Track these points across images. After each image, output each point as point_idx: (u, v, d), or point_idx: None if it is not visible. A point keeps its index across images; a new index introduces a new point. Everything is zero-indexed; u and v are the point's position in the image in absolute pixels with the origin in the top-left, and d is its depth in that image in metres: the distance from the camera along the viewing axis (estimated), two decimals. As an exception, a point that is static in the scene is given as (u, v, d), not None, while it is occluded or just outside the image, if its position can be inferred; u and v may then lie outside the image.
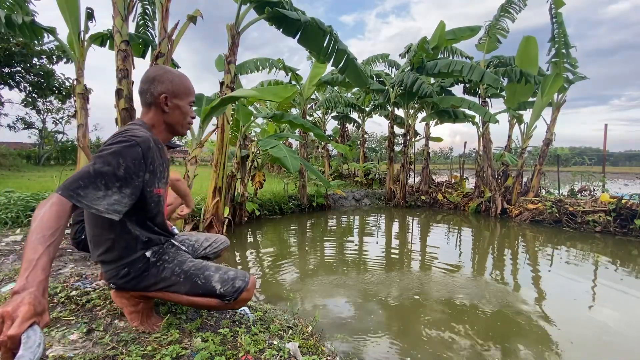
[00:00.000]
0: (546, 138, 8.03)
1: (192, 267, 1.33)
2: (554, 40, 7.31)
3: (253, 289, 1.39)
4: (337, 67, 5.46)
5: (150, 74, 1.31)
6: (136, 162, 1.13)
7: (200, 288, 1.30)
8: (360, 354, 2.23)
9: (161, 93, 1.29)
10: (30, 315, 0.77)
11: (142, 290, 1.34)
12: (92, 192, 1.02)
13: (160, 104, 1.30)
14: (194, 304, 1.35)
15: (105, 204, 1.05)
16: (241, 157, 6.43)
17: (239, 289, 1.31)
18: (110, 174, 1.06)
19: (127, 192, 1.10)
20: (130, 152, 1.11)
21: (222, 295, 1.30)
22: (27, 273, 0.84)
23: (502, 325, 2.70)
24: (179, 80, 1.33)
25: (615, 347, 2.43)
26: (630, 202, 6.03)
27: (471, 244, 5.72)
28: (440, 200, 9.42)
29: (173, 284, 1.30)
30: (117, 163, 1.08)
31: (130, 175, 1.11)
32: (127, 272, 1.28)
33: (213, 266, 1.37)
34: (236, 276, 1.35)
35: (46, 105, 17.83)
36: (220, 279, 1.32)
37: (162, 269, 1.31)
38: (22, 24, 4.45)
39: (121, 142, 1.12)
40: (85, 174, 1.03)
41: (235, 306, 1.37)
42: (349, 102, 12.59)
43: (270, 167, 14.66)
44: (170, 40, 4.22)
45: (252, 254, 4.84)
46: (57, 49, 13.14)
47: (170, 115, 1.33)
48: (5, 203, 3.85)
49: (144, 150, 1.16)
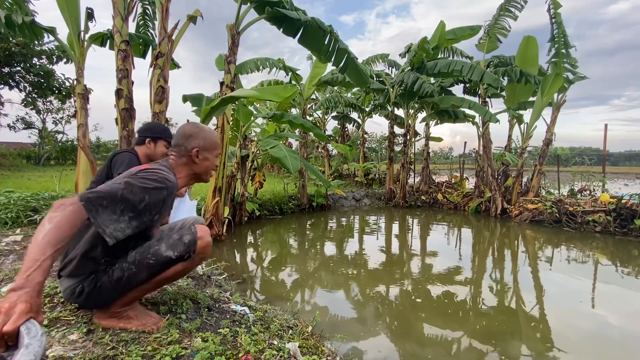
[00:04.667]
0: (546, 138, 8.03)
1: (137, 254, 1.32)
2: (553, 40, 7.31)
3: (206, 233, 1.41)
4: (338, 67, 5.46)
5: (187, 131, 1.45)
6: (156, 203, 1.22)
7: (156, 265, 1.31)
8: (360, 354, 2.23)
9: (194, 147, 1.43)
10: (27, 312, 0.80)
11: (110, 303, 1.33)
12: (109, 214, 1.09)
13: (192, 157, 1.43)
14: (165, 281, 1.38)
15: (112, 228, 1.10)
16: (241, 157, 6.43)
17: (191, 242, 1.35)
18: (132, 204, 1.13)
19: (133, 224, 1.16)
20: (157, 194, 1.21)
21: (180, 257, 1.33)
22: (29, 272, 0.87)
23: (502, 325, 2.70)
24: (210, 137, 1.49)
25: (615, 346, 2.43)
26: (630, 202, 6.03)
27: (471, 244, 5.72)
28: (440, 200, 9.42)
29: (131, 278, 1.30)
30: (141, 198, 1.16)
31: (145, 212, 1.18)
32: (82, 290, 1.28)
33: (154, 240, 1.37)
34: (182, 234, 1.37)
35: (46, 105, 17.82)
36: (169, 245, 1.33)
37: (112, 273, 1.30)
38: (22, 24, 4.45)
39: (155, 180, 1.22)
40: (112, 195, 1.09)
41: (202, 257, 1.40)
42: (349, 102, 12.58)
43: (270, 167, 14.65)
44: (170, 40, 4.22)
45: (252, 254, 4.84)
46: (57, 49, 13.15)
47: (199, 166, 1.46)
48: (5, 203, 3.85)
49: (167, 196, 1.26)
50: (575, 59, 7.50)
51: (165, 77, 4.19)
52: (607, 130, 8.75)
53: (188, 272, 1.44)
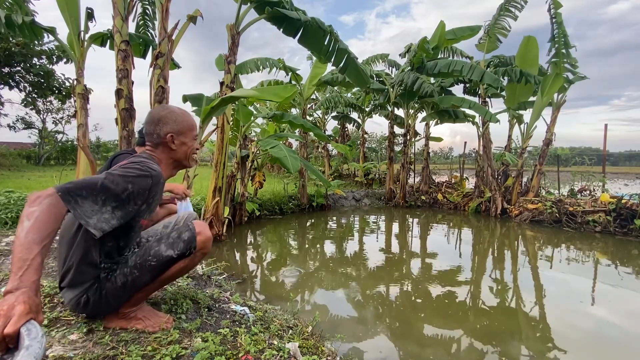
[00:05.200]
0: (546, 138, 8.03)
1: (137, 258, 1.31)
2: (553, 40, 7.31)
3: (205, 228, 1.40)
4: (338, 67, 5.46)
5: (155, 116, 1.37)
6: (141, 191, 1.17)
7: (159, 266, 1.30)
8: (360, 354, 2.23)
9: (167, 133, 1.35)
10: (27, 313, 0.79)
11: (116, 308, 1.33)
12: (90, 204, 1.05)
13: (168, 143, 1.36)
14: (169, 279, 1.37)
15: (95, 219, 1.07)
16: (241, 157, 6.43)
17: (191, 238, 1.34)
18: (113, 194, 1.10)
19: (118, 214, 1.13)
20: (141, 182, 1.17)
21: (181, 254, 1.32)
22: (21, 272, 0.85)
23: (502, 325, 2.70)
24: (182, 119, 1.39)
25: (615, 346, 2.43)
26: (630, 202, 6.03)
27: (471, 244, 5.72)
28: (440, 200, 9.42)
29: (135, 282, 1.29)
30: (124, 187, 1.12)
31: (129, 201, 1.14)
32: (87, 300, 1.26)
33: (153, 241, 1.35)
34: (180, 231, 1.36)
35: (46, 105, 17.80)
36: (168, 245, 1.32)
37: (115, 279, 1.28)
38: (22, 24, 4.45)
39: (137, 169, 1.18)
40: (91, 185, 1.06)
41: (203, 252, 1.39)
42: (349, 102, 12.58)
43: (270, 167, 14.65)
44: (170, 40, 4.22)
45: (252, 254, 4.84)
46: (57, 49, 13.14)
47: (178, 152, 1.40)
48: (5, 203, 3.86)
49: (153, 184, 1.21)
50: (575, 59, 7.50)
51: (165, 77, 4.19)
52: (607, 130, 8.77)
53: (191, 268, 1.43)
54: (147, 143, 1.38)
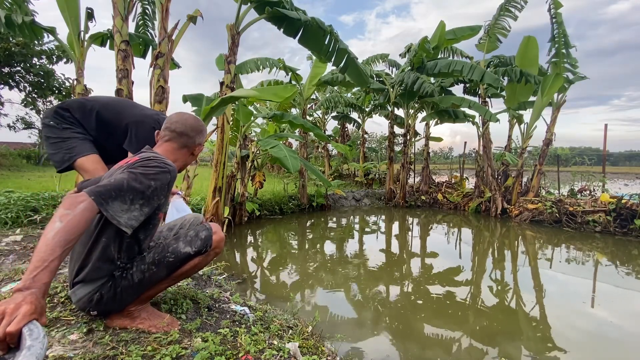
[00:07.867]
0: (546, 138, 8.03)
1: (155, 254, 1.34)
2: (554, 40, 7.31)
3: (219, 229, 1.48)
4: (338, 67, 5.46)
5: (197, 126, 1.47)
6: (163, 187, 1.24)
7: (176, 262, 1.35)
8: (360, 354, 2.23)
9: (200, 143, 1.50)
10: (31, 314, 0.80)
11: (129, 304, 1.34)
12: (119, 204, 1.10)
13: (194, 151, 1.48)
14: (183, 275, 1.42)
15: (126, 217, 1.12)
16: (241, 157, 6.43)
17: (208, 237, 1.40)
18: (140, 192, 1.15)
19: (145, 210, 1.19)
20: (162, 177, 1.23)
21: (198, 251, 1.38)
22: (36, 272, 0.87)
23: (502, 325, 2.70)
24: (205, 132, 1.54)
25: (615, 346, 2.43)
26: (630, 202, 6.03)
27: (471, 244, 5.72)
28: (440, 200, 9.42)
29: (152, 277, 1.32)
30: (148, 184, 1.17)
31: (153, 197, 1.20)
32: (100, 297, 1.27)
33: (171, 238, 1.42)
34: (197, 230, 1.42)
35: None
36: (187, 242, 1.38)
37: (131, 276, 1.29)
38: (22, 24, 4.45)
39: (156, 166, 1.23)
40: (118, 186, 1.10)
41: (216, 252, 1.46)
42: (349, 102, 12.57)
43: (270, 167, 14.65)
44: (170, 40, 4.22)
45: (252, 253, 4.84)
46: (57, 49, 13.13)
47: (190, 160, 1.51)
48: (5, 203, 3.85)
49: (172, 178, 1.28)
50: (576, 59, 7.50)
51: (165, 77, 4.19)
52: (607, 130, 8.75)
53: (203, 265, 1.48)
54: (172, 140, 1.42)
